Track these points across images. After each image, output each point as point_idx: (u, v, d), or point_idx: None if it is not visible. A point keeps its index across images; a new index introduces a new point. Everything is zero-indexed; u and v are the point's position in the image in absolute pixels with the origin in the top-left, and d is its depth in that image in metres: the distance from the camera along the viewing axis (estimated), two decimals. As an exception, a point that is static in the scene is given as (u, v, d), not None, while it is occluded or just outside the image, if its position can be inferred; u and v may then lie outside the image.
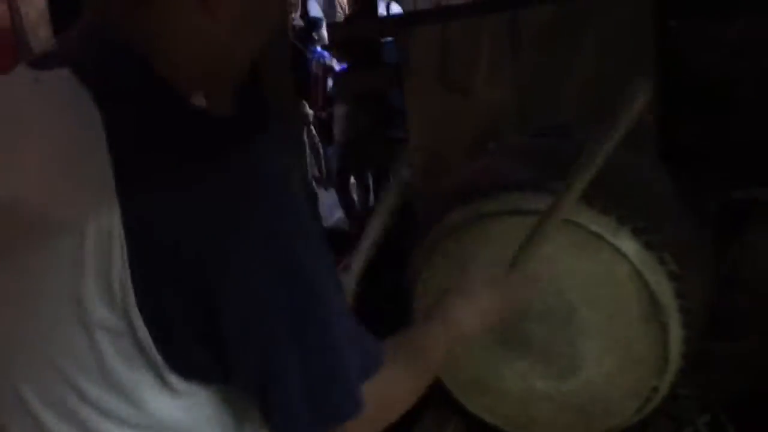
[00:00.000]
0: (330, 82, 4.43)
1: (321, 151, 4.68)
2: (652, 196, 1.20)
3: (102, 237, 0.53)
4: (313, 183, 4.12)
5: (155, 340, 0.54)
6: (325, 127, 4.48)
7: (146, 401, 0.57)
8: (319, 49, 4.61)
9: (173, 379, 0.56)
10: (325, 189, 4.47)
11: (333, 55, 4.42)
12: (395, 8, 5.40)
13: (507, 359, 1.19)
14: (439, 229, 1.19)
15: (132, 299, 0.53)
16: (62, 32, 0.69)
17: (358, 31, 2.56)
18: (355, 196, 4.03)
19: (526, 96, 1.84)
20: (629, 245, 1.07)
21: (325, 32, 4.47)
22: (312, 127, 4.48)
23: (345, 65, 3.76)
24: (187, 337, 0.55)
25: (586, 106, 1.71)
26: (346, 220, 3.99)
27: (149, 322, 0.54)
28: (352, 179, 4.02)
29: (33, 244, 0.58)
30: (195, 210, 0.53)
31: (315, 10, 5.40)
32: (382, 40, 2.65)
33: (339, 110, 3.80)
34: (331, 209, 4.10)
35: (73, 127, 0.57)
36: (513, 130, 1.79)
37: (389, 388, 0.66)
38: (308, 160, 4.23)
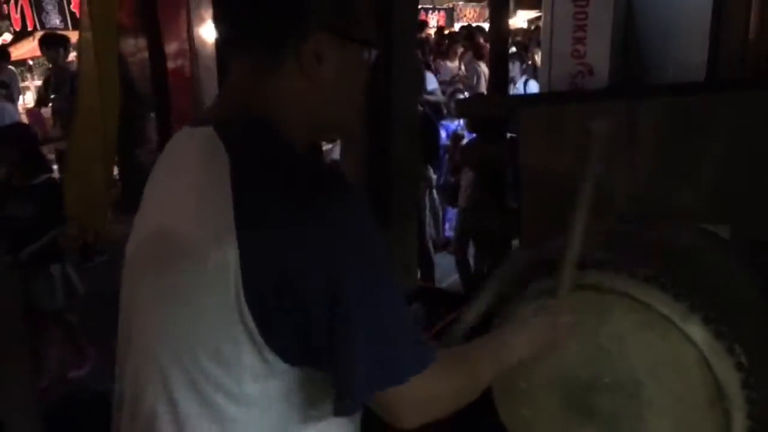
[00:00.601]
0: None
1: (440, 214, 4.87)
2: (730, 289, 1.24)
3: (223, 259, 0.73)
4: (430, 244, 4.29)
5: (260, 330, 0.74)
6: (452, 191, 4.68)
7: (249, 377, 0.76)
8: (452, 120, 4.86)
9: (272, 358, 0.75)
10: (435, 250, 4.60)
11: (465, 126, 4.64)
12: (532, 85, 5.56)
13: (574, 426, 1.26)
14: (521, 297, 1.30)
15: (244, 303, 0.73)
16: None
17: (483, 107, 2.73)
18: (471, 261, 4.14)
19: (640, 185, 1.88)
20: (698, 332, 1.13)
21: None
22: (434, 191, 4.69)
23: (473, 135, 3.96)
24: (285, 329, 0.74)
25: (705, 204, 1.71)
26: (461, 282, 4.10)
27: (257, 319, 0.73)
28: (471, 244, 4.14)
29: (175, 262, 0.79)
30: (295, 240, 0.72)
31: (432, 82, 5.71)
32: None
33: (465, 177, 3.97)
34: (448, 271, 4.24)
35: (209, 172, 0.78)
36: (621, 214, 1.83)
37: (436, 381, 0.81)
38: (427, 221, 4.42)
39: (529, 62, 6.89)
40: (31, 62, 7.65)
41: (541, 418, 1.27)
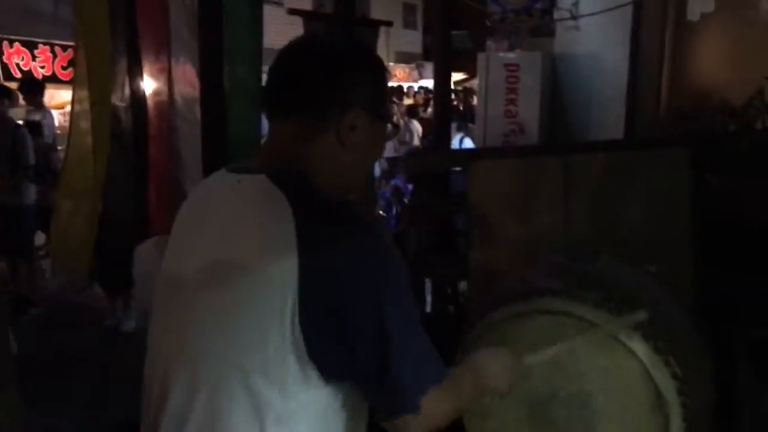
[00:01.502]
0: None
1: None
2: (662, 311, 1.45)
3: (283, 280, 0.87)
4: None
5: (307, 345, 0.87)
6: (397, 243, 4.89)
7: (293, 390, 0.89)
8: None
9: (313, 372, 0.89)
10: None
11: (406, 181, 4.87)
12: (467, 142, 5.89)
13: (535, 437, 1.43)
14: (484, 324, 1.47)
15: (297, 319, 0.87)
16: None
17: (432, 163, 2.94)
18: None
19: (575, 230, 2.09)
20: (640, 347, 1.32)
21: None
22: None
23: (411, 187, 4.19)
24: (329, 345, 0.88)
25: (629, 245, 1.93)
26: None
27: (306, 334, 0.87)
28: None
29: (240, 284, 0.91)
30: (340, 264, 0.88)
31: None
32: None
33: (409, 229, 4.17)
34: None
35: (272, 211, 0.92)
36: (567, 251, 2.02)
37: (440, 401, 0.96)
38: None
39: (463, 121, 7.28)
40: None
41: (507, 430, 1.43)
